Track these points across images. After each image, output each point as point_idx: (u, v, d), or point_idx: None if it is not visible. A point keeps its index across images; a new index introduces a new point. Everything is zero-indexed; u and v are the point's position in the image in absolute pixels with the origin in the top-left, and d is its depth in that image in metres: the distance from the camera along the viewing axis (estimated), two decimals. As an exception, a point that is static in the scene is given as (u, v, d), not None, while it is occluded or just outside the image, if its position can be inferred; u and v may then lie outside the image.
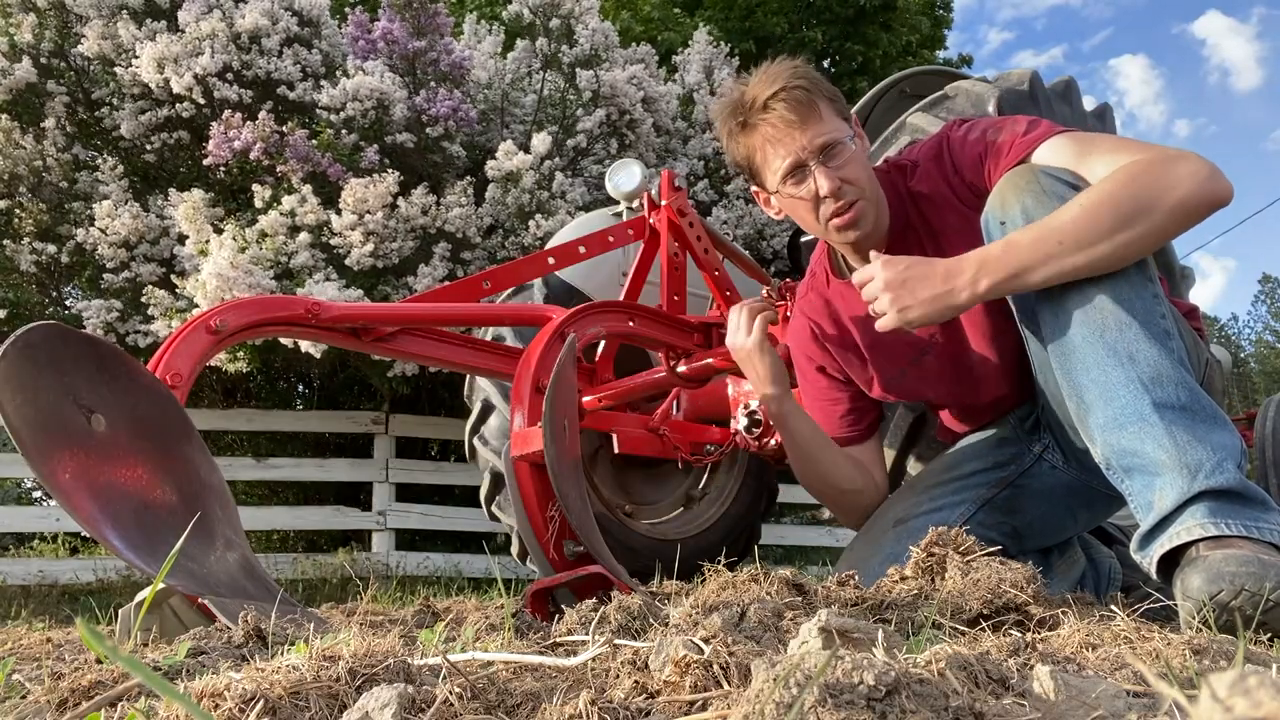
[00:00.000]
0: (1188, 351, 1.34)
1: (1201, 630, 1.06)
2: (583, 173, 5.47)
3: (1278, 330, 36.63)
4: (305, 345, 3.97)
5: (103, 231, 4.61)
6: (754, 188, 1.70)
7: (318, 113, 4.82)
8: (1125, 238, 1.27)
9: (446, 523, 5.70)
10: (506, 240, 4.90)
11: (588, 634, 0.94)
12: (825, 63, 11.29)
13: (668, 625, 0.92)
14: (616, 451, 2.65)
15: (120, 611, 1.20)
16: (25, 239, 4.82)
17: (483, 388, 2.90)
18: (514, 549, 3.00)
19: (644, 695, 0.68)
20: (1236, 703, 0.31)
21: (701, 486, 3.29)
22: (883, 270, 1.43)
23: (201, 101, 4.84)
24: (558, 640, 0.96)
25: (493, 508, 2.93)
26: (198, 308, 4.07)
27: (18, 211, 4.87)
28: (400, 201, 4.53)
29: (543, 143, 4.78)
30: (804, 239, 3.51)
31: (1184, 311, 1.60)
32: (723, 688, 0.65)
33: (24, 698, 0.79)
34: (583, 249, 2.60)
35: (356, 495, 5.86)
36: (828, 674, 0.53)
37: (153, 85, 4.78)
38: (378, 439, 5.62)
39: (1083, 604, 1.24)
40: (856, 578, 1.28)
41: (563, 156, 5.38)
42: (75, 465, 1.22)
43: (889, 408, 2.21)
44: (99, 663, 0.86)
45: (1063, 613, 1.07)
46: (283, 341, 4.10)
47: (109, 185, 4.85)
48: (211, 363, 3.97)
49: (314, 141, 4.54)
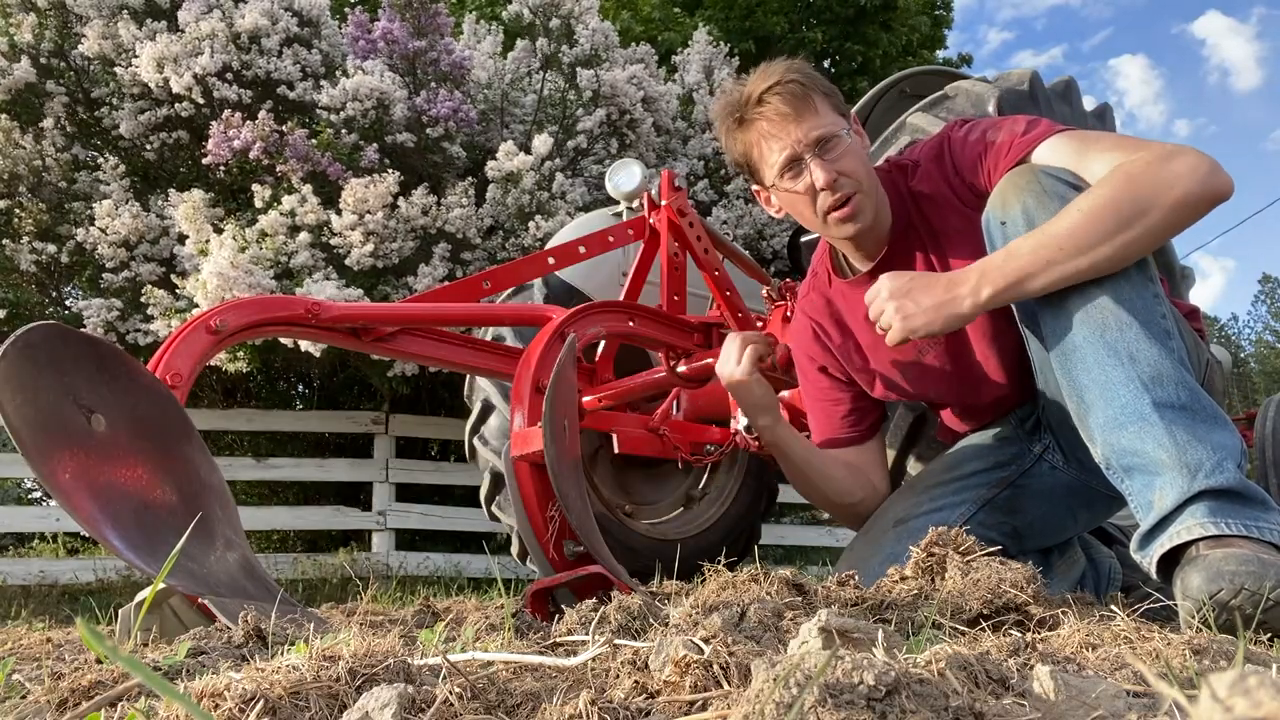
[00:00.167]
0: (1188, 352, 1.34)
1: (1201, 630, 1.06)
2: (583, 173, 5.47)
3: (1278, 330, 36.62)
4: (305, 345, 3.97)
5: (103, 231, 4.61)
6: (754, 186, 1.70)
7: (318, 112, 4.82)
8: (1126, 238, 1.26)
9: (446, 523, 5.70)
10: (507, 241, 4.90)
11: (588, 634, 0.94)
12: (825, 63, 11.29)
13: (668, 625, 0.92)
14: (616, 451, 2.65)
15: (120, 611, 1.20)
16: (25, 239, 4.82)
17: (483, 388, 2.90)
18: (514, 549, 3.00)
19: (644, 695, 0.68)
20: (1236, 703, 0.31)
21: (701, 486, 3.29)
22: (886, 282, 1.44)
23: (201, 101, 4.84)
24: (558, 640, 0.96)
25: (493, 508, 2.93)
26: (198, 307, 4.07)
27: (17, 211, 4.88)
28: (400, 201, 4.53)
29: (543, 144, 4.78)
30: (804, 239, 3.51)
31: (1185, 312, 1.59)
32: (723, 688, 0.65)
33: (24, 698, 0.79)
34: (583, 249, 2.60)
35: (356, 495, 5.86)
36: (828, 674, 0.53)
37: (152, 85, 4.78)
38: (378, 439, 5.62)
39: (1083, 604, 1.24)
40: (856, 578, 1.28)
41: (563, 157, 5.38)
42: (75, 465, 1.22)
43: (889, 407, 2.22)
44: (99, 663, 0.86)
45: (1063, 613, 1.07)
46: (283, 341, 4.10)
47: (109, 185, 4.85)
48: (211, 363, 3.96)
49: (314, 141, 4.54)
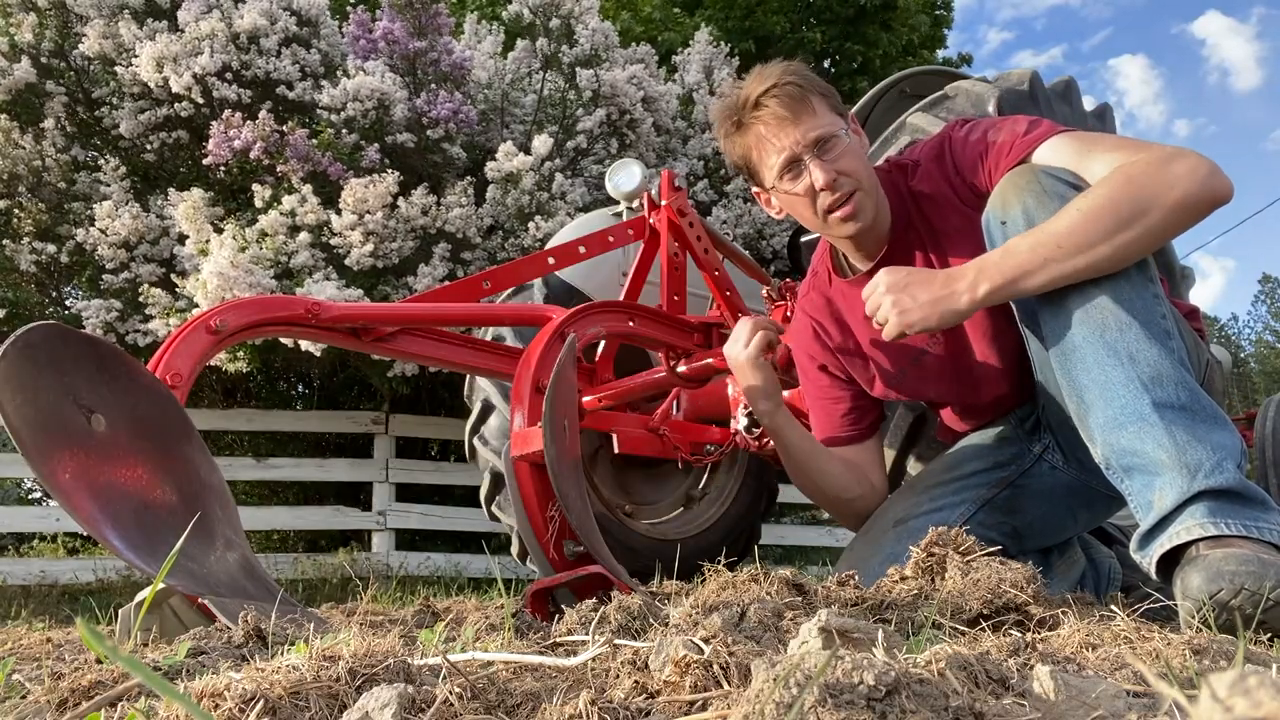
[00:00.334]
0: (1188, 352, 1.34)
1: (1201, 630, 1.06)
2: (583, 173, 5.47)
3: (1278, 330, 36.61)
4: (305, 345, 3.97)
5: (103, 232, 4.61)
6: (754, 188, 1.70)
7: (318, 113, 4.82)
8: (1125, 239, 1.26)
9: (446, 523, 5.70)
10: (506, 241, 4.90)
11: (588, 634, 0.94)
12: (825, 63, 11.29)
13: (668, 625, 0.92)
14: (616, 451, 2.65)
15: (120, 611, 1.20)
16: (25, 239, 4.82)
17: (483, 388, 2.90)
18: (514, 549, 3.00)
19: (644, 695, 0.68)
20: (1236, 703, 0.31)
21: (701, 486, 3.29)
22: (884, 276, 1.44)
23: (201, 101, 4.84)
24: (558, 640, 0.96)
25: (493, 508, 2.93)
26: (198, 307, 4.07)
27: (17, 211, 4.88)
28: (400, 202, 4.53)
29: (543, 144, 4.78)
30: (804, 239, 3.51)
31: (1185, 312, 1.59)
32: (723, 688, 0.65)
33: (24, 698, 0.79)
34: (583, 249, 2.60)
35: (356, 495, 5.86)
36: (828, 674, 0.53)
37: (152, 85, 4.78)
38: (378, 439, 5.62)
39: (1083, 604, 1.23)
40: (856, 578, 1.28)
41: (563, 157, 5.38)
42: (75, 465, 1.22)
43: (889, 407, 2.21)
44: (99, 663, 0.86)
45: (1063, 613, 1.07)
46: (283, 341, 4.10)
47: (110, 186, 4.85)
48: (211, 363, 3.96)
49: (314, 141, 4.54)
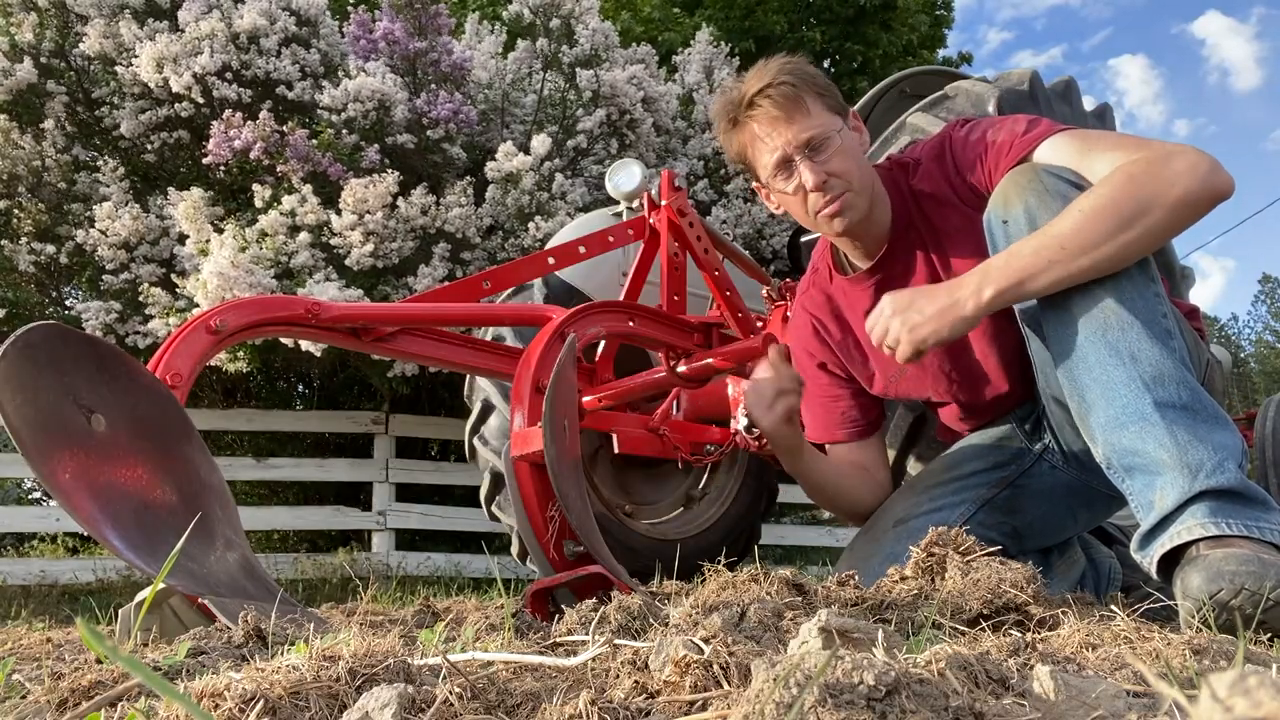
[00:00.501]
0: (1189, 351, 1.34)
1: (1201, 630, 1.06)
2: (583, 173, 5.47)
3: (1278, 330, 36.60)
4: (305, 345, 3.97)
5: (103, 233, 4.61)
6: (754, 183, 1.71)
7: (319, 113, 4.82)
8: (1127, 238, 1.26)
9: (446, 523, 5.70)
10: (506, 241, 4.90)
11: (588, 634, 0.94)
12: (825, 63, 11.28)
13: (668, 625, 0.92)
14: (616, 451, 2.65)
15: (120, 611, 1.20)
16: (24, 239, 4.82)
17: (483, 388, 2.89)
18: (514, 549, 3.00)
19: (644, 695, 0.68)
20: (1236, 703, 0.31)
21: (701, 486, 3.29)
22: (888, 301, 1.45)
23: (201, 101, 4.84)
24: (558, 640, 0.96)
25: (493, 508, 2.93)
26: (198, 307, 4.07)
27: (17, 212, 4.87)
28: (400, 202, 4.53)
29: (543, 144, 4.78)
30: (804, 239, 3.51)
31: (1185, 312, 1.59)
32: (723, 688, 0.65)
33: (24, 698, 0.79)
34: (583, 249, 2.59)
35: (356, 495, 5.86)
36: (828, 674, 0.53)
37: (152, 85, 4.78)
38: (378, 439, 5.62)
39: (1083, 604, 1.23)
40: (856, 578, 1.28)
41: (563, 157, 5.38)
42: (75, 465, 1.22)
43: (889, 407, 2.22)
44: (99, 663, 0.86)
45: (1063, 613, 1.07)
46: (283, 341, 4.10)
47: (109, 186, 4.85)
48: (211, 363, 3.97)
49: (314, 141, 4.54)
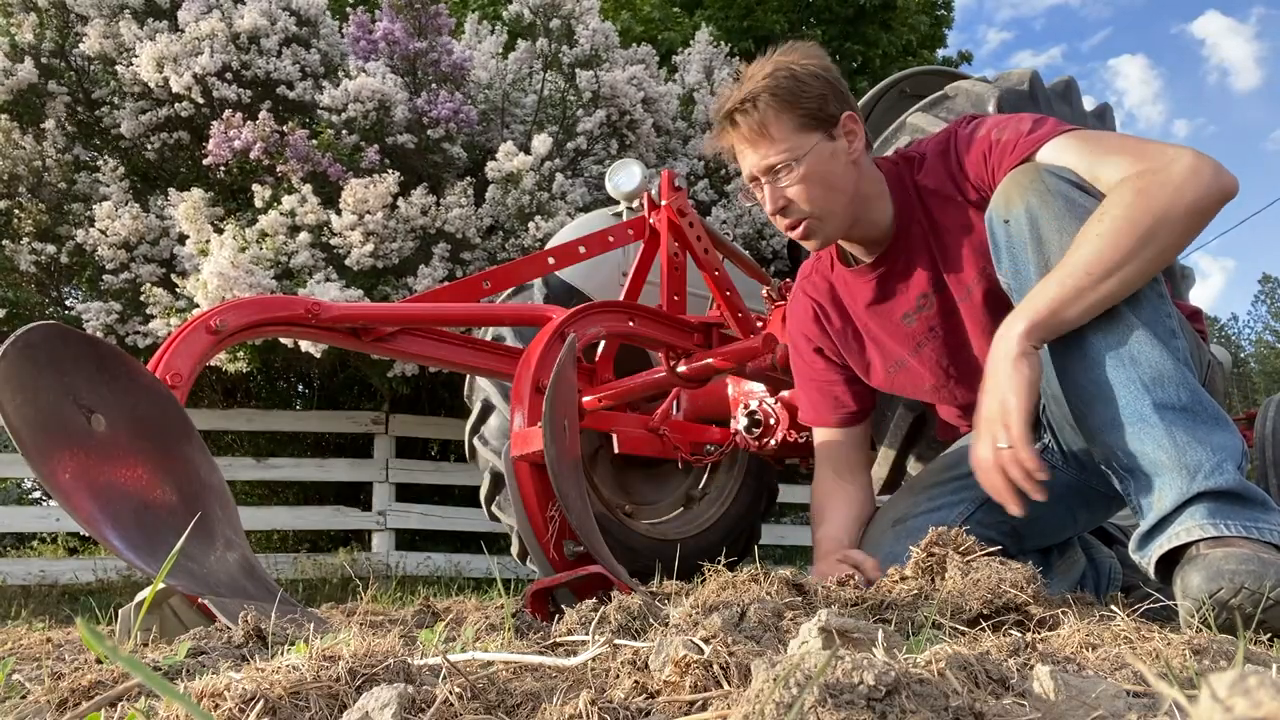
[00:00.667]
0: (1191, 352, 1.34)
1: (1201, 630, 1.06)
2: (583, 173, 5.47)
3: (1278, 330, 36.59)
4: (305, 345, 3.97)
5: (103, 232, 4.61)
6: None
7: (319, 113, 4.82)
8: (1149, 253, 1.26)
9: (446, 523, 5.71)
10: (506, 241, 4.90)
11: (588, 634, 0.94)
12: (825, 63, 11.25)
13: (668, 625, 0.92)
14: (616, 451, 2.65)
15: (120, 611, 1.20)
16: (25, 239, 4.82)
17: (483, 388, 2.89)
18: (514, 549, 3.00)
19: (644, 695, 0.68)
20: (1236, 703, 0.31)
21: (701, 486, 3.29)
22: (978, 444, 1.35)
23: (201, 101, 4.84)
24: (558, 640, 0.96)
25: (493, 508, 2.93)
26: (198, 307, 4.07)
27: (17, 212, 4.87)
28: (400, 202, 4.53)
29: (543, 144, 4.78)
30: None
31: (1187, 314, 1.59)
32: (723, 688, 0.65)
33: (24, 698, 0.79)
34: (583, 249, 2.59)
35: (356, 495, 5.86)
36: (828, 674, 0.53)
37: (152, 85, 4.78)
38: (378, 439, 5.62)
39: (1083, 604, 1.23)
40: (856, 578, 1.28)
41: (563, 157, 5.38)
42: (75, 465, 1.22)
43: (890, 407, 2.21)
44: (99, 663, 0.86)
45: (1063, 613, 1.07)
46: (283, 341, 4.10)
47: (109, 186, 4.85)
48: (211, 363, 3.96)
49: (314, 141, 4.54)
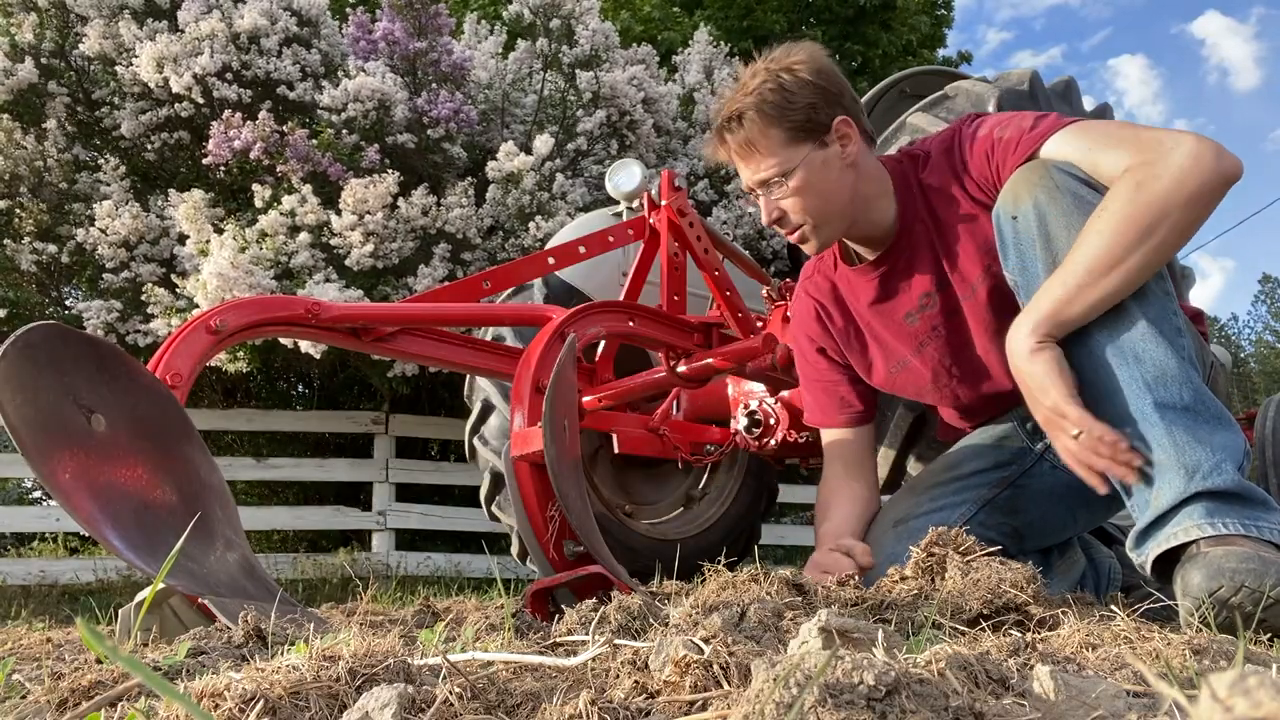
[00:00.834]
0: (1196, 351, 1.34)
1: (1201, 629, 1.06)
2: (583, 173, 5.47)
3: (1278, 330, 36.59)
4: (305, 345, 3.97)
5: (103, 232, 4.61)
6: None
7: (319, 113, 4.82)
8: (1152, 245, 1.26)
9: (446, 523, 5.70)
10: (507, 241, 4.90)
11: (588, 634, 0.94)
12: (825, 63, 11.25)
13: (668, 625, 0.92)
14: (616, 451, 2.65)
15: (120, 611, 1.20)
16: (25, 239, 4.82)
17: (483, 388, 2.89)
18: (514, 549, 3.00)
19: (644, 695, 0.68)
20: (1236, 703, 0.31)
21: (701, 486, 3.29)
22: (1053, 437, 1.35)
23: (201, 101, 4.84)
24: (558, 640, 0.96)
25: (493, 508, 2.93)
26: (198, 307, 4.07)
27: (18, 211, 4.88)
28: (400, 202, 4.53)
29: (544, 144, 4.78)
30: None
31: (1189, 316, 1.59)
32: (723, 688, 0.65)
33: (24, 698, 0.79)
34: (583, 249, 2.59)
35: (356, 495, 5.86)
36: (828, 674, 0.53)
37: (152, 85, 4.78)
38: (378, 439, 5.62)
39: (1083, 604, 1.24)
40: (856, 578, 1.28)
41: (563, 157, 5.38)
42: (75, 465, 1.22)
43: (890, 407, 2.21)
44: (99, 663, 0.86)
45: (1063, 613, 1.07)
46: (283, 341, 4.10)
47: (110, 185, 4.85)
48: (211, 363, 3.97)
49: (314, 141, 4.54)
